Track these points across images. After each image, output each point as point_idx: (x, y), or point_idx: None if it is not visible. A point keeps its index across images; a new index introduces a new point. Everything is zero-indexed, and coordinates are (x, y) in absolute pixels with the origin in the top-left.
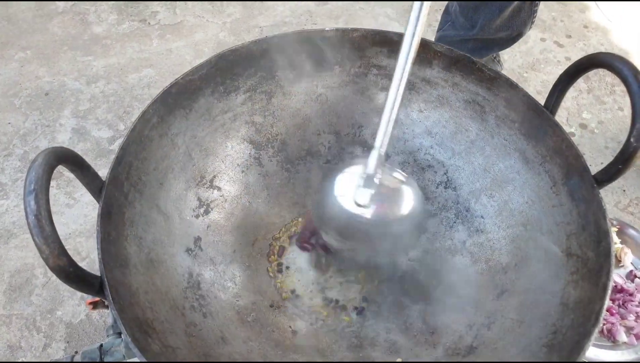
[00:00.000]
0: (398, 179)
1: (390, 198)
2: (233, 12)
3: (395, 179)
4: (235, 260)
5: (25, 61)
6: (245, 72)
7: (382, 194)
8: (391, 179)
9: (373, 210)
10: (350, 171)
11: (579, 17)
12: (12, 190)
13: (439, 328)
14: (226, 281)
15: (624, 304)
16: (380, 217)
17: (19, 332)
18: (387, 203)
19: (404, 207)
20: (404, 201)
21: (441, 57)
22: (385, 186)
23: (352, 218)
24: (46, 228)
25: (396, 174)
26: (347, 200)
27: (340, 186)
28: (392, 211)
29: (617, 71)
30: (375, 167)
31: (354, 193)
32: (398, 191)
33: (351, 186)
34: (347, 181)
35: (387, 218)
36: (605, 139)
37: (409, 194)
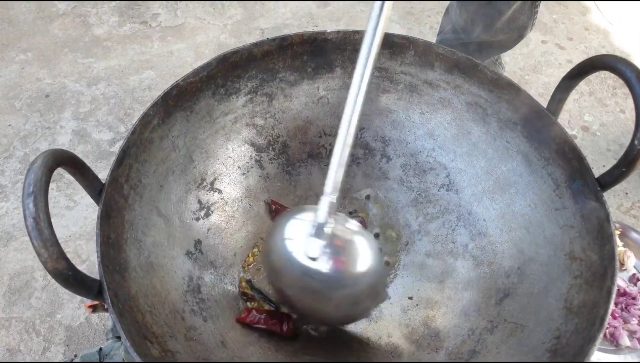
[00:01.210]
0: (352, 229)
1: (343, 251)
2: (234, 14)
3: (349, 229)
4: (236, 264)
5: (26, 63)
6: (246, 74)
7: (333, 247)
8: (345, 230)
9: (324, 263)
10: (305, 216)
11: (579, 19)
12: (12, 192)
13: (441, 332)
14: (227, 284)
15: (626, 307)
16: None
17: (18, 335)
18: (339, 256)
19: (359, 261)
20: (358, 255)
21: (443, 60)
22: (338, 237)
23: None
24: (45, 231)
25: (350, 224)
26: (297, 251)
27: (290, 235)
28: (344, 266)
29: (621, 73)
30: (327, 215)
31: (304, 244)
32: (352, 243)
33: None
34: (299, 229)
35: (338, 272)
36: (607, 141)
37: (364, 247)
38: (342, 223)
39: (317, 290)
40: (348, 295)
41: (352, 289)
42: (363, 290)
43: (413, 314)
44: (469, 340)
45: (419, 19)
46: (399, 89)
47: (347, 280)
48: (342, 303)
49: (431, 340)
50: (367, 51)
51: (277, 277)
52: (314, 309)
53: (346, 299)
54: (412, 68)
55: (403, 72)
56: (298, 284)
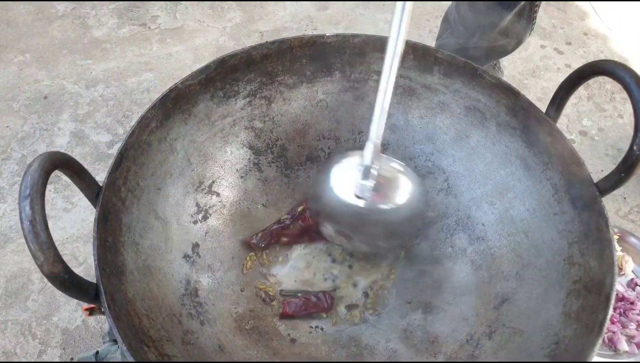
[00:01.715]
0: (395, 169)
1: (389, 188)
2: (233, 17)
3: (392, 169)
4: (233, 267)
5: (25, 65)
6: (245, 77)
7: (380, 185)
8: (389, 170)
9: (373, 202)
10: (347, 162)
11: (578, 24)
12: (9, 194)
13: (440, 337)
14: (224, 288)
15: (625, 312)
16: (380, 208)
17: (14, 338)
18: (386, 193)
19: (403, 196)
20: (402, 191)
21: (442, 64)
22: (383, 176)
23: (354, 211)
24: (41, 234)
25: (393, 164)
26: (347, 193)
27: (338, 179)
28: (392, 201)
29: (619, 79)
30: (372, 158)
31: (353, 185)
32: (396, 181)
33: (349, 179)
34: (345, 174)
35: (387, 208)
36: (606, 146)
37: (406, 183)
38: (386, 164)
39: (371, 224)
40: (396, 225)
41: (400, 220)
42: (409, 219)
43: (411, 318)
44: (467, 345)
45: (418, 22)
46: (398, 93)
47: (394, 214)
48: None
49: (429, 345)
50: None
51: (331, 220)
52: (367, 241)
53: (395, 228)
54: (411, 72)
55: (402, 76)
56: (352, 223)
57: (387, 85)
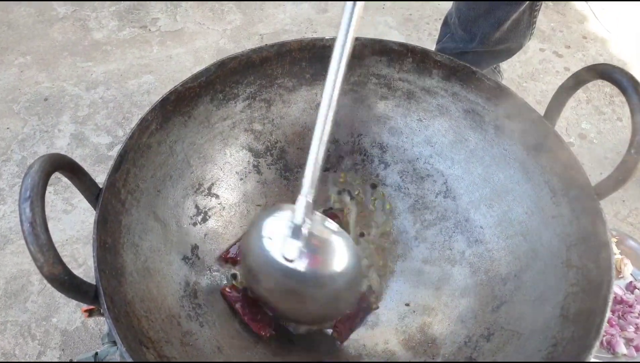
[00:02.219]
0: (330, 230)
1: (320, 251)
2: (233, 20)
3: (326, 229)
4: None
5: (25, 66)
6: (245, 79)
7: (310, 247)
8: (322, 230)
9: (302, 264)
10: (282, 216)
11: (577, 27)
12: (9, 195)
13: (438, 339)
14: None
15: (623, 315)
16: (310, 272)
17: (14, 339)
18: (316, 256)
19: (336, 261)
20: (335, 255)
21: (441, 67)
22: (315, 237)
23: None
24: (41, 236)
25: (327, 224)
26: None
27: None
28: (322, 266)
29: (617, 83)
30: (303, 215)
31: (281, 245)
32: (329, 243)
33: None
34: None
35: (318, 273)
36: (604, 149)
37: (341, 247)
38: (319, 223)
39: (295, 290)
40: (326, 294)
41: (330, 289)
42: (341, 289)
43: (410, 321)
44: (465, 347)
45: (417, 25)
46: (397, 95)
47: (325, 280)
48: (319, 303)
49: (428, 347)
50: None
51: (254, 277)
52: (292, 309)
53: (324, 299)
54: (410, 75)
55: (401, 79)
56: (276, 284)
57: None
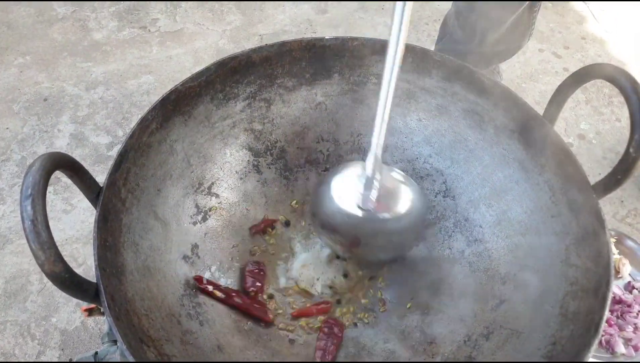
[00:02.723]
0: (396, 178)
1: (391, 197)
2: (233, 20)
3: (393, 178)
4: (232, 268)
5: (25, 67)
6: (245, 79)
7: (383, 195)
8: (390, 180)
9: (376, 212)
10: (348, 173)
11: (576, 28)
12: (9, 195)
13: (438, 338)
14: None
15: (622, 315)
16: (384, 218)
17: (13, 339)
18: (388, 203)
19: (405, 205)
20: (404, 200)
21: (440, 67)
22: (385, 187)
23: (357, 222)
24: (42, 234)
25: (394, 173)
26: (349, 204)
27: (339, 190)
28: (394, 211)
29: (616, 82)
30: (374, 169)
31: (356, 196)
32: (398, 190)
33: (351, 190)
34: (346, 185)
35: (390, 218)
36: (603, 150)
37: (407, 192)
38: (388, 174)
39: (373, 235)
40: (398, 235)
41: (402, 230)
42: (411, 227)
43: (409, 320)
44: (465, 346)
45: (417, 26)
46: (396, 95)
47: (397, 224)
48: (392, 243)
49: (427, 346)
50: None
51: (332, 231)
52: (370, 251)
53: (397, 238)
54: (409, 75)
55: (401, 78)
56: (356, 234)
57: (387, 94)
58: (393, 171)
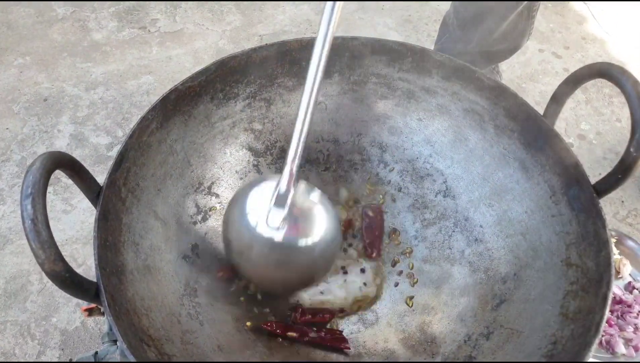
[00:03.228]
0: (312, 199)
1: (304, 219)
2: (233, 21)
3: (309, 198)
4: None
5: (25, 67)
6: (245, 79)
7: (294, 216)
8: (305, 199)
9: (285, 232)
10: (262, 187)
11: (576, 28)
12: (8, 196)
13: (438, 337)
14: (223, 289)
15: (622, 315)
16: (292, 241)
17: (13, 339)
18: (300, 224)
19: (319, 228)
20: (318, 222)
21: (441, 66)
22: (298, 206)
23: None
24: (42, 233)
25: (311, 194)
26: (258, 221)
27: (250, 204)
28: (306, 234)
29: (616, 81)
30: (288, 185)
31: (266, 214)
32: (311, 213)
33: (261, 206)
34: (258, 200)
35: (300, 241)
36: (604, 150)
37: (322, 215)
38: (303, 192)
39: (278, 258)
40: (306, 261)
41: (311, 255)
42: (321, 256)
43: (409, 319)
44: (465, 346)
45: (416, 26)
46: (396, 95)
47: (307, 248)
48: (300, 269)
49: (427, 346)
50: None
51: (237, 249)
52: (275, 277)
53: (305, 265)
54: (409, 75)
55: (401, 78)
56: (259, 254)
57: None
58: (312, 190)
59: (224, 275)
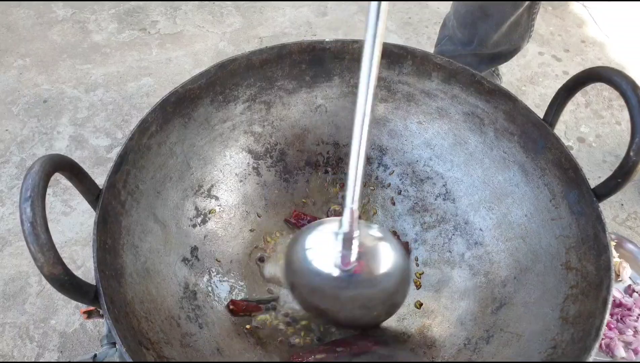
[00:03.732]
0: (377, 235)
1: (373, 257)
2: (233, 23)
3: (374, 236)
4: (232, 270)
5: (24, 69)
6: (245, 82)
7: (362, 254)
8: (370, 237)
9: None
10: (323, 231)
11: (576, 31)
12: (8, 198)
13: (437, 341)
14: (223, 292)
15: (622, 319)
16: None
17: (12, 341)
18: (370, 262)
19: (388, 264)
20: (387, 258)
21: (440, 70)
22: (364, 245)
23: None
24: (41, 236)
25: (373, 230)
26: (326, 264)
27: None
28: (377, 271)
29: (616, 85)
30: (351, 225)
31: (333, 256)
32: (378, 249)
33: (328, 249)
34: (322, 244)
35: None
36: (603, 153)
37: (389, 250)
38: (366, 231)
39: (352, 297)
40: (381, 297)
41: (385, 291)
42: (394, 290)
43: (409, 322)
44: (465, 350)
45: (416, 29)
46: (396, 98)
47: (379, 284)
48: (375, 305)
49: (427, 349)
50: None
51: (308, 293)
52: (348, 316)
53: (380, 301)
54: (409, 78)
55: (401, 81)
56: (332, 296)
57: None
58: (372, 227)
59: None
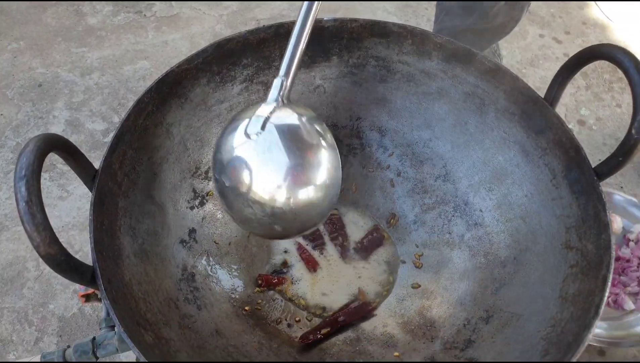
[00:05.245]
0: (300, 111)
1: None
2: (230, 5)
3: (296, 111)
4: (230, 253)
5: (19, 52)
6: (242, 62)
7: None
8: (290, 112)
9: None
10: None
11: (577, 13)
12: (3, 182)
13: (437, 322)
14: (221, 273)
15: (623, 271)
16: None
17: (11, 326)
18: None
19: (306, 143)
20: (305, 136)
21: (441, 49)
22: (282, 118)
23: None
24: (37, 215)
25: (300, 108)
26: (238, 133)
27: (237, 124)
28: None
29: (618, 62)
30: (276, 97)
31: (246, 123)
32: (297, 125)
33: (244, 121)
34: (244, 117)
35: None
36: (603, 135)
37: (310, 128)
38: (290, 107)
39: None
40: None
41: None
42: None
43: (408, 304)
44: (464, 330)
45: (416, 10)
46: (396, 78)
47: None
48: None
49: (427, 330)
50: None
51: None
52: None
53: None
54: (409, 57)
55: (400, 61)
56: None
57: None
58: (300, 106)
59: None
